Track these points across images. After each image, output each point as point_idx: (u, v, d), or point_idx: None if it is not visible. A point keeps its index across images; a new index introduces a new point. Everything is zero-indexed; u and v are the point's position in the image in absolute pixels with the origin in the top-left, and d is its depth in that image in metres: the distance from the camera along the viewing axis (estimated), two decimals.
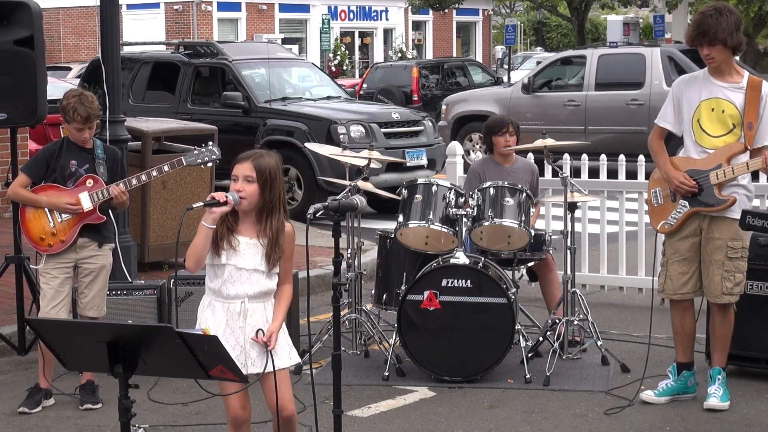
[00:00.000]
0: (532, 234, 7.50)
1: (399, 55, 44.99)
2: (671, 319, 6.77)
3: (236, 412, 5.05)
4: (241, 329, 5.00)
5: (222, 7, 42.13)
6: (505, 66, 39.82)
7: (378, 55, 46.34)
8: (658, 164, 6.66)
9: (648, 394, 6.76)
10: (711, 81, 6.48)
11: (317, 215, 4.95)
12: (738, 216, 6.39)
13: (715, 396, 6.56)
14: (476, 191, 7.51)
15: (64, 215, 6.62)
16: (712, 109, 6.44)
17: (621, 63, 17.64)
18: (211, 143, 6.76)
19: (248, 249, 5.00)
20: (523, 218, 7.42)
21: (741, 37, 6.41)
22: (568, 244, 7.63)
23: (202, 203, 4.91)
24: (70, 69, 27.54)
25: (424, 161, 14.15)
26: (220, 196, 4.90)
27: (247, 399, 5.08)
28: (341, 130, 13.58)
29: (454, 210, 7.31)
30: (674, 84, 6.71)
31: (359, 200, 5.12)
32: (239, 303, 5.00)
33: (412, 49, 47.95)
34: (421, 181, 7.58)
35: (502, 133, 8.05)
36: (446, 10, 40.75)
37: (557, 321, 7.58)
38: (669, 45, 20.42)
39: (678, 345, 6.78)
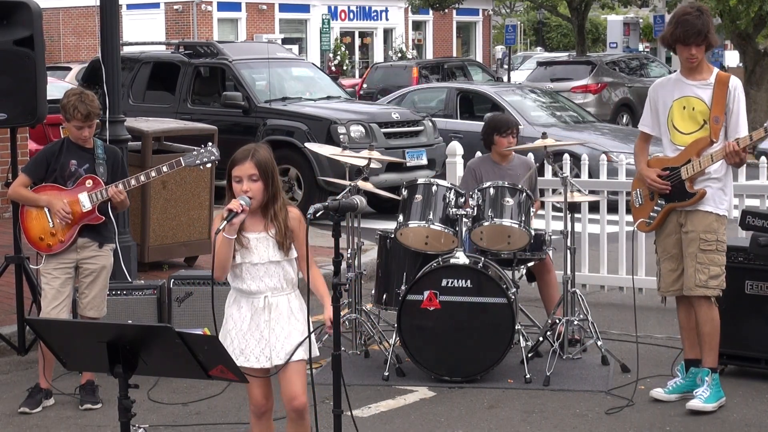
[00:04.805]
0: (532, 234, 7.50)
1: (399, 55, 44.97)
2: (677, 315, 6.79)
3: (258, 401, 5.15)
4: (266, 323, 5.06)
5: (222, 7, 42.10)
6: (505, 66, 39.84)
7: (378, 55, 46.31)
8: (636, 165, 6.83)
9: (658, 392, 6.76)
10: (682, 81, 6.63)
11: (317, 215, 4.95)
12: (710, 209, 6.52)
13: (700, 398, 6.54)
14: (476, 191, 7.51)
15: None
16: (683, 108, 6.58)
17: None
18: (210, 144, 6.77)
19: (259, 244, 5.04)
20: (523, 218, 7.42)
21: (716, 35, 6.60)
22: (568, 244, 7.64)
23: (226, 221, 4.88)
24: (70, 69, 27.49)
25: (424, 161, 14.14)
26: (235, 206, 4.90)
27: (270, 389, 5.17)
28: (341, 130, 13.58)
29: (454, 210, 7.32)
30: (650, 88, 6.87)
31: (359, 200, 5.12)
32: (262, 298, 5.06)
33: (412, 49, 47.93)
34: (421, 181, 7.58)
35: (506, 134, 8.06)
36: (446, 10, 40.67)
37: (557, 321, 7.58)
38: None
39: (685, 341, 6.79)
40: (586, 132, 15.55)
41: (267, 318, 5.06)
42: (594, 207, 9.40)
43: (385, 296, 7.66)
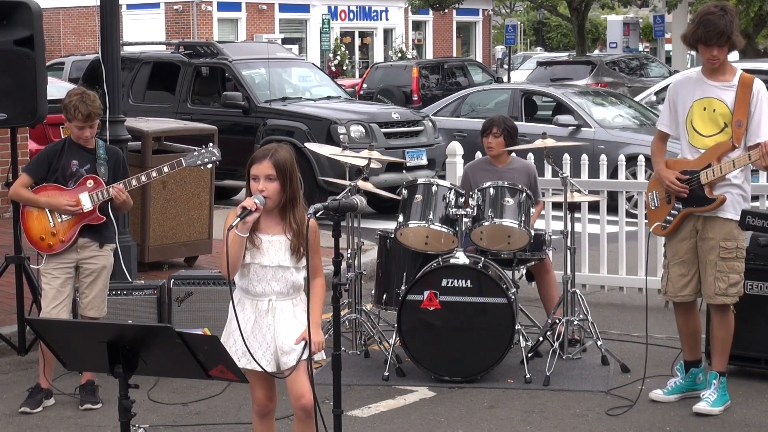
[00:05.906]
0: (532, 234, 7.50)
1: (399, 55, 44.97)
2: (676, 319, 6.77)
3: (262, 402, 5.16)
4: (269, 327, 5.04)
5: (222, 7, 42.11)
6: (505, 66, 39.84)
7: (378, 55, 46.32)
8: (654, 166, 6.70)
9: (657, 393, 6.75)
10: (704, 81, 6.46)
11: (317, 215, 4.95)
12: (731, 216, 6.40)
13: (706, 401, 6.52)
14: (476, 191, 7.50)
15: (64, 215, 6.63)
16: (704, 109, 6.41)
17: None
18: (211, 144, 6.78)
19: (271, 246, 5.03)
20: (523, 218, 7.41)
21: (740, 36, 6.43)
22: (568, 244, 7.63)
23: (239, 218, 4.87)
24: None
25: (424, 161, 14.14)
26: (249, 204, 4.89)
27: (274, 391, 5.18)
28: (341, 130, 13.57)
29: (454, 210, 7.31)
30: (669, 86, 6.71)
31: (359, 200, 5.12)
32: (266, 301, 5.05)
33: (412, 49, 47.93)
34: (421, 181, 7.57)
35: (486, 135, 8.05)
36: (446, 10, 40.71)
37: (557, 321, 7.58)
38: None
39: (684, 344, 6.77)
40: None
41: (270, 322, 5.04)
42: (594, 207, 9.40)
43: (385, 296, 7.66)
